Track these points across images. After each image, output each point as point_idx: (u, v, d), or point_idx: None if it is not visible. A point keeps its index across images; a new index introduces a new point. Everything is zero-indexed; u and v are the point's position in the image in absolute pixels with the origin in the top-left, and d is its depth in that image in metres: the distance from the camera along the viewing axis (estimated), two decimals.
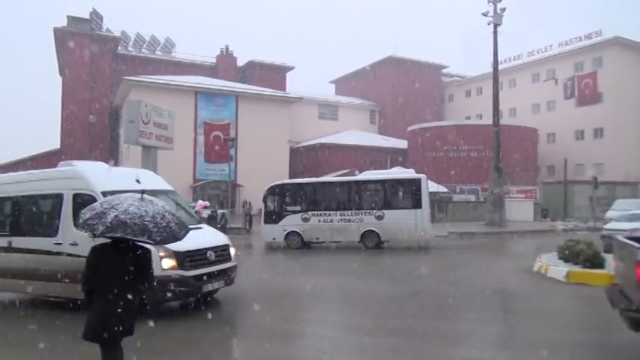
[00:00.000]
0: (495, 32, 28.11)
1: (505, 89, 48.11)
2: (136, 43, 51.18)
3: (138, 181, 8.05)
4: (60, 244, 7.92)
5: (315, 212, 18.36)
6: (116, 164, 38.32)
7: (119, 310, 3.74)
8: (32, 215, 8.99)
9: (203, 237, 8.26)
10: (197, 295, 8.01)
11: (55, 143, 46.01)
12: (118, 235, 3.65)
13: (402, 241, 17.99)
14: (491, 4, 27.76)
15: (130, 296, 3.82)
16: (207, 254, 7.80)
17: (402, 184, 18.52)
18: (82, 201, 7.73)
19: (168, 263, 7.26)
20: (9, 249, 8.63)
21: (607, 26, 64.73)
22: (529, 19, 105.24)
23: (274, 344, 6.30)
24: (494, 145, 28.21)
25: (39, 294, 8.41)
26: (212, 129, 40.21)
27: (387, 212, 17.70)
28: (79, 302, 7.36)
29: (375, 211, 17.83)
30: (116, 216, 3.67)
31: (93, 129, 45.30)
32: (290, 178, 33.87)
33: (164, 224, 3.80)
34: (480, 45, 41.26)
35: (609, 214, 21.49)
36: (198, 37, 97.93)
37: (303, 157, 46.04)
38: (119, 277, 3.78)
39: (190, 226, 7.85)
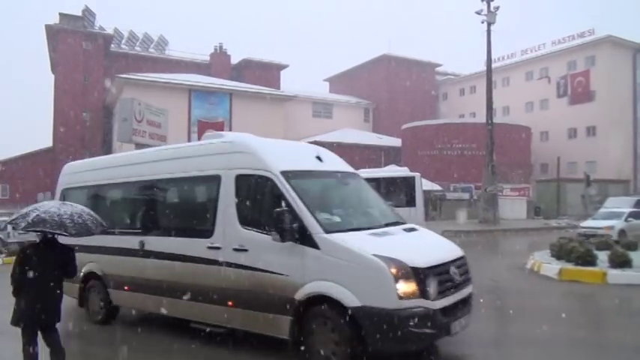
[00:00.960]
0: (489, 31, 28.21)
1: (499, 88, 48.28)
2: (129, 40, 50.83)
3: (319, 158, 6.11)
4: (217, 248, 5.63)
5: None
6: None
7: (47, 301, 4.37)
8: (173, 206, 6.71)
9: (431, 245, 5.67)
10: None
11: (47, 141, 45.71)
12: (38, 229, 4.24)
13: None
14: (484, 2, 27.87)
15: (56, 288, 4.45)
16: (451, 272, 5.09)
17: (396, 182, 18.51)
18: (253, 185, 5.58)
19: (406, 288, 4.55)
20: (141, 252, 6.55)
21: (600, 25, 65.21)
22: (523, 18, 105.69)
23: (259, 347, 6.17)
24: (487, 144, 28.34)
25: (184, 318, 6.16)
26: (206, 127, 39.90)
27: None
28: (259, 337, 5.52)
29: None
30: (37, 215, 4.24)
31: (86, 127, 44.97)
32: None
33: (80, 221, 4.39)
34: (473, 43, 41.34)
35: (601, 212, 21.68)
36: (191, 35, 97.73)
37: None
38: (48, 272, 4.35)
39: (402, 227, 5.76)
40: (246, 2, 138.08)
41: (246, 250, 5.37)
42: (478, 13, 28.00)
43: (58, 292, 4.49)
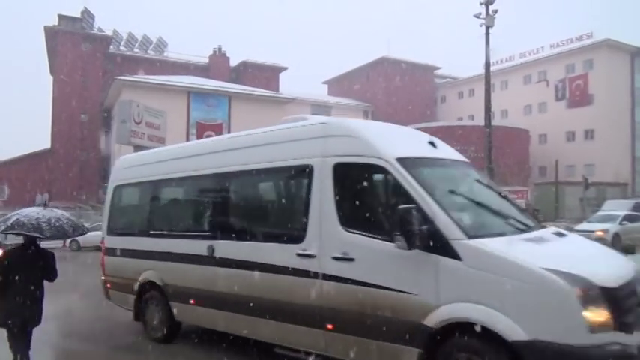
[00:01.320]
0: (487, 34, 28.24)
1: (497, 91, 48.37)
2: (127, 42, 50.91)
3: (432, 144, 5.03)
4: (311, 256, 4.46)
5: None
6: (107, 166, 38.08)
7: (28, 302, 4.46)
8: (250, 204, 5.67)
9: (601, 255, 4.34)
10: None
11: (46, 143, 45.73)
12: (15, 231, 4.45)
13: None
14: (483, 6, 27.93)
15: (37, 290, 4.55)
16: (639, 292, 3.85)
17: None
18: (358, 176, 4.42)
19: (596, 316, 3.29)
20: (211, 260, 5.42)
21: (598, 28, 65.40)
22: (521, 21, 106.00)
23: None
24: (485, 147, 28.37)
25: (266, 341, 5.03)
26: (205, 129, 40.05)
27: None
28: None
29: None
30: (17, 219, 4.47)
31: (84, 129, 44.98)
32: None
33: (58, 225, 4.55)
34: (472, 46, 41.53)
35: (596, 215, 21.73)
36: (190, 36, 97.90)
37: None
38: (28, 274, 4.48)
39: (550, 231, 4.61)
40: (246, 3, 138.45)
41: (351, 260, 4.20)
42: (477, 16, 28.04)
43: (40, 295, 4.63)
